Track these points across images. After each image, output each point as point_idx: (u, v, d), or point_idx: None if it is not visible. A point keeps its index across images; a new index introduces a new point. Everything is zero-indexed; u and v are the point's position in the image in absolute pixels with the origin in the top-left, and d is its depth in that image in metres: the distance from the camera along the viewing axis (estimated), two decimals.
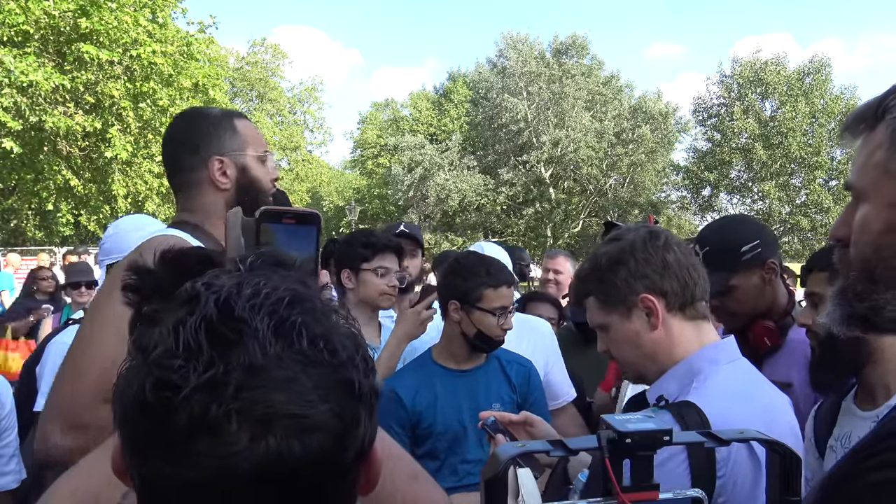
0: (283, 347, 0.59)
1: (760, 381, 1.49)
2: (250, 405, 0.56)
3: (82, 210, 18.53)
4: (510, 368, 2.50)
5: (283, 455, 0.57)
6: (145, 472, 0.60)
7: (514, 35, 36.82)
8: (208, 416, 0.56)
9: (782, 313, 2.20)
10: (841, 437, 1.85)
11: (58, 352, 2.33)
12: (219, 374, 0.56)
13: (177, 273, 0.69)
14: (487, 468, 0.81)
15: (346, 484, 0.65)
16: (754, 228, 2.25)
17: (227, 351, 0.58)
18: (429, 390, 2.43)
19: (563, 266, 4.39)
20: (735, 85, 34.91)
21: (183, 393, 0.56)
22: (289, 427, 0.57)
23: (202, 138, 1.73)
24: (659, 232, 1.48)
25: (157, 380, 0.57)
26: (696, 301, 1.45)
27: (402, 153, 37.65)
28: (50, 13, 14.62)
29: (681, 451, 1.22)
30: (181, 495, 0.59)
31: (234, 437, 0.56)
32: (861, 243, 0.92)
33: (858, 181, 0.93)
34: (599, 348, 1.54)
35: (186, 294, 0.62)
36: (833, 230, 0.98)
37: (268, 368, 0.58)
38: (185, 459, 0.57)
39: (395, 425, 2.39)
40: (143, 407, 0.58)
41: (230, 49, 34.47)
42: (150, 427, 0.58)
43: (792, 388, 2.01)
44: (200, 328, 0.58)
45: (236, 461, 0.56)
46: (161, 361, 0.58)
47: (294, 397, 0.58)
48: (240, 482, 0.57)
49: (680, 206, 38.39)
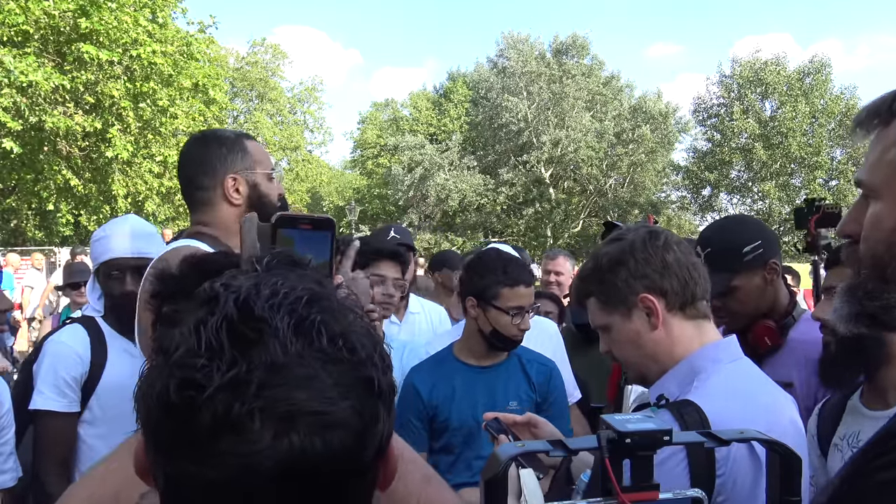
0: (303, 346, 0.60)
1: (762, 381, 1.49)
2: (273, 403, 0.57)
3: (82, 210, 18.52)
4: (531, 367, 2.50)
5: (306, 452, 0.58)
6: (170, 471, 0.60)
7: (515, 35, 36.83)
8: (231, 414, 0.57)
9: (783, 313, 2.21)
10: (848, 437, 1.85)
11: (55, 351, 2.33)
12: (241, 372, 0.57)
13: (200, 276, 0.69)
14: (487, 468, 0.81)
15: (366, 481, 0.65)
16: (756, 229, 2.25)
17: (249, 350, 0.58)
18: (446, 385, 2.45)
19: (564, 266, 4.39)
20: (735, 85, 34.91)
21: (207, 392, 0.57)
22: (311, 424, 0.58)
23: (218, 159, 1.94)
24: (659, 232, 1.48)
25: (181, 380, 0.58)
26: (697, 300, 1.45)
27: (402, 153, 37.65)
28: (50, 13, 14.60)
29: (680, 451, 1.22)
30: (205, 494, 0.59)
31: (258, 436, 0.57)
32: (872, 240, 0.91)
33: (870, 178, 0.91)
34: (602, 349, 1.54)
35: (205, 294, 0.63)
36: (841, 226, 0.97)
37: (289, 367, 0.59)
38: (210, 459, 0.57)
39: (413, 418, 2.42)
40: (168, 407, 0.58)
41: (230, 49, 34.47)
42: (174, 427, 0.58)
43: (793, 388, 2.01)
44: (221, 328, 0.59)
45: (259, 459, 0.57)
46: (184, 361, 0.59)
47: (315, 395, 0.59)
48: (263, 480, 0.57)
49: (680, 206, 38.40)
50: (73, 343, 2.32)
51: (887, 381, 1.79)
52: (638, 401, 1.79)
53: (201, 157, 1.96)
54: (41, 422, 2.28)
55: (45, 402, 2.26)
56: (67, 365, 2.29)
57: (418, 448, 2.43)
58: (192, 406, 0.57)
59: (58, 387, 2.27)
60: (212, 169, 1.93)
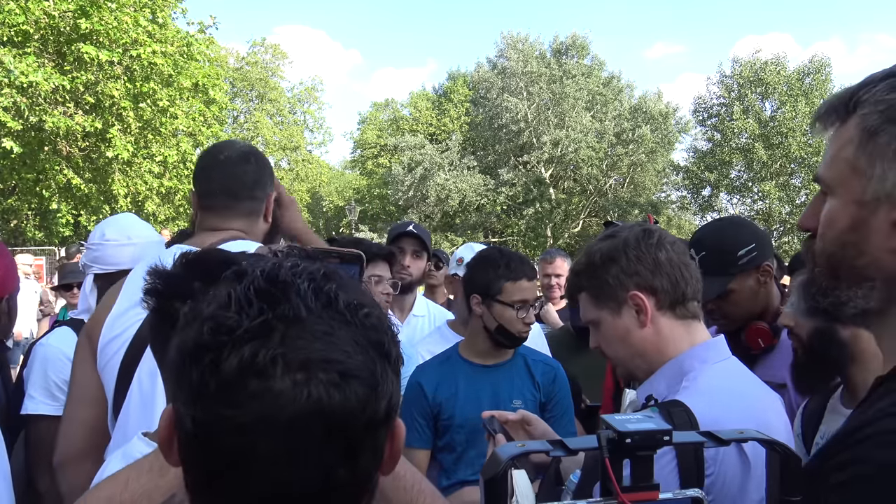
0: (322, 306, 0.66)
1: (751, 380, 1.49)
2: (294, 351, 0.63)
3: (82, 210, 18.51)
4: (535, 367, 2.51)
5: (324, 398, 0.62)
6: (199, 416, 0.64)
7: (515, 35, 36.81)
8: (257, 359, 0.62)
9: (775, 314, 2.21)
10: (826, 435, 1.85)
11: (44, 354, 2.34)
12: (267, 321, 0.64)
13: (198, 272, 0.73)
14: (487, 468, 0.81)
15: (377, 442, 0.69)
16: (750, 231, 2.25)
17: (275, 305, 0.65)
18: (450, 383, 2.46)
19: (562, 268, 4.38)
20: (735, 85, 34.90)
21: (237, 334, 0.63)
22: (328, 372, 0.63)
23: (270, 177, 2.02)
24: (653, 230, 1.48)
25: (213, 325, 0.64)
26: (688, 300, 1.45)
27: (402, 153, 37.64)
28: (50, 13, 14.58)
29: (669, 451, 1.20)
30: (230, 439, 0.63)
31: (280, 381, 0.62)
32: (826, 238, 0.91)
33: (826, 174, 0.92)
34: (591, 344, 1.55)
35: (233, 273, 0.70)
36: (801, 219, 0.98)
37: (310, 322, 0.65)
38: (236, 402, 0.62)
39: (417, 416, 2.44)
40: (200, 350, 0.64)
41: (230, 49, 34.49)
42: (204, 370, 0.63)
43: (786, 389, 2.02)
44: (250, 290, 0.66)
45: (282, 403, 0.62)
46: (216, 314, 0.65)
47: (333, 347, 0.64)
48: (285, 425, 0.62)
49: (680, 206, 38.38)
50: (62, 346, 2.32)
51: (856, 380, 1.79)
52: (630, 407, 1.78)
53: (261, 171, 1.99)
54: (33, 426, 2.28)
55: (37, 406, 2.27)
56: (57, 368, 2.29)
57: (422, 445, 2.45)
58: (222, 349, 0.63)
59: (48, 390, 2.28)
60: (266, 184, 1.99)
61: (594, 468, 1.23)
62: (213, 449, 0.64)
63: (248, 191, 1.95)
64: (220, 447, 0.64)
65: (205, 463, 0.66)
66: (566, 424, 2.47)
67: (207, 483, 0.67)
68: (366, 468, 0.68)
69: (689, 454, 1.22)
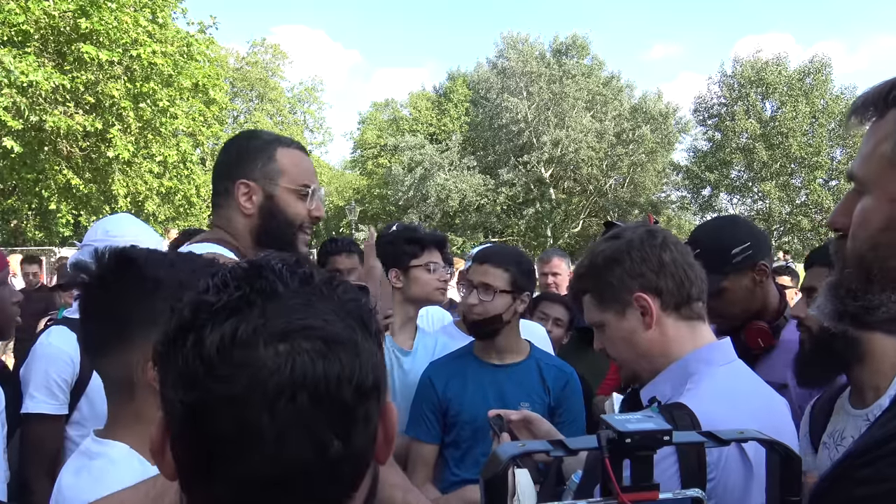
0: (299, 282, 0.68)
1: (756, 384, 1.48)
2: (274, 321, 0.64)
3: (82, 210, 18.49)
4: (548, 371, 2.51)
5: (307, 367, 0.63)
6: (187, 398, 0.64)
7: (515, 35, 36.81)
8: (238, 332, 0.63)
9: (774, 314, 2.20)
10: (833, 434, 1.85)
11: (42, 353, 2.32)
12: (245, 294, 0.66)
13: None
14: (487, 468, 0.81)
15: (368, 415, 0.68)
16: (746, 230, 2.23)
17: (251, 282, 0.67)
18: (460, 379, 2.48)
19: (559, 267, 4.40)
20: (736, 85, 34.89)
21: (216, 309, 0.65)
22: (311, 339, 0.64)
23: (235, 162, 1.77)
24: (657, 231, 1.48)
25: (193, 306, 0.66)
26: (693, 301, 1.44)
27: (402, 153, 37.63)
28: (50, 13, 14.57)
29: (672, 454, 1.19)
30: (222, 416, 0.63)
31: (264, 352, 0.63)
32: (859, 238, 0.87)
33: (862, 171, 0.87)
34: (595, 346, 1.54)
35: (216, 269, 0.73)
36: (832, 217, 0.93)
37: (287, 296, 0.67)
38: (223, 375, 0.62)
39: (427, 411, 2.48)
40: (183, 331, 0.65)
41: (230, 49, 34.47)
42: (188, 350, 0.64)
43: (787, 389, 2.01)
44: (228, 275, 0.68)
45: (265, 374, 0.62)
46: (195, 297, 0.67)
47: (312, 316, 0.66)
48: (272, 396, 0.62)
49: (680, 206, 38.37)
50: (63, 345, 2.30)
51: (863, 380, 1.79)
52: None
53: (224, 157, 1.81)
54: (31, 425, 2.27)
55: (37, 405, 2.26)
56: (58, 367, 2.27)
57: (431, 440, 2.48)
58: (203, 327, 0.64)
59: (49, 389, 2.26)
60: (225, 171, 1.78)
61: (595, 468, 1.22)
62: (204, 432, 0.64)
63: (218, 184, 1.81)
64: (212, 426, 0.63)
65: (197, 448, 0.65)
66: (575, 431, 2.45)
67: (201, 472, 0.66)
68: (359, 444, 0.67)
69: (692, 457, 1.21)
